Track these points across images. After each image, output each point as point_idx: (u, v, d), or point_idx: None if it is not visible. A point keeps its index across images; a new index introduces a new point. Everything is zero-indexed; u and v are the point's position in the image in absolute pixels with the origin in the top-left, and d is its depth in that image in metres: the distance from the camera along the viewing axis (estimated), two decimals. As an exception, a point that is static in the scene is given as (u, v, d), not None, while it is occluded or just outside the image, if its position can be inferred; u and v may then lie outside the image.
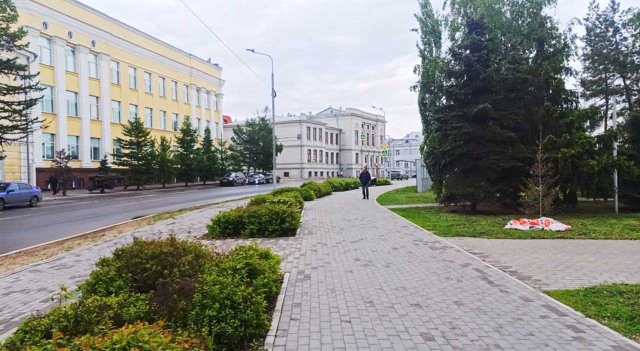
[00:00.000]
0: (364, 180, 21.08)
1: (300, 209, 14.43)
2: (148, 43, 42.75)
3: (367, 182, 20.99)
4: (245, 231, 8.92)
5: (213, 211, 15.73)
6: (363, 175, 21.29)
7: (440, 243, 8.02)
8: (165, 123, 45.79)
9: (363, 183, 21.00)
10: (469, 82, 13.76)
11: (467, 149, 13.08)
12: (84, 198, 25.80)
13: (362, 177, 21.31)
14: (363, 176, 21.26)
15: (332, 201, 19.39)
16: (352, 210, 14.97)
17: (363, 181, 21.08)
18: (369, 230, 9.86)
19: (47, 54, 31.32)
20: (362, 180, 21.15)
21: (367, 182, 20.95)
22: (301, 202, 15.13)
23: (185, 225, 11.60)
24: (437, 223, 11.03)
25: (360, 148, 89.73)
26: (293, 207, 10.44)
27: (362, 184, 21.02)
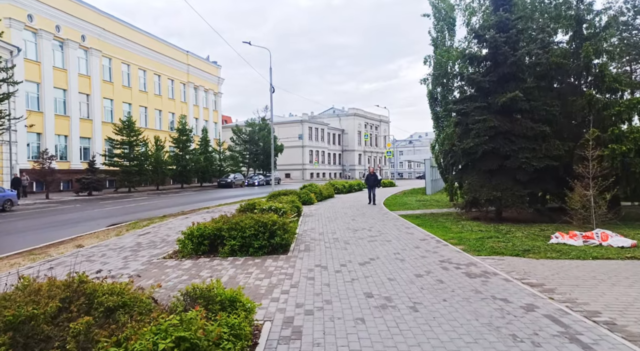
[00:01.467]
0: (370, 183, 18.05)
1: (298, 216, 12.53)
2: (142, 39, 41.00)
3: (375, 184, 18.06)
4: (224, 248, 7.02)
5: (200, 217, 13.85)
6: (369, 177, 18.24)
7: (477, 266, 6.09)
8: (160, 122, 44.01)
9: (369, 186, 18.05)
10: (494, 68, 11.81)
11: (493, 146, 11.14)
12: (67, 201, 23.97)
13: (369, 179, 18.21)
14: (369, 178, 18.21)
15: (334, 205, 17.47)
16: (357, 216, 13.04)
17: (370, 184, 18.06)
18: (380, 245, 7.93)
19: (32, 48, 29.57)
20: (368, 182, 18.21)
21: (374, 184, 18.00)
22: (299, 208, 13.22)
23: (159, 236, 9.71)
24: (461, 234, 9.10)
25: (363, 149, 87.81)
26: (287, 216, 8.53)
27: (368, 187, 18.10)
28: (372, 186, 17.89)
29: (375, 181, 18.16)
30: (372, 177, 18.19)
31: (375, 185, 18.08)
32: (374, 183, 18.09)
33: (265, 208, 9.10)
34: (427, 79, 18.99)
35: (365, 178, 18.62)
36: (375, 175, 18.37)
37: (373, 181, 18.07)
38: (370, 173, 18.33)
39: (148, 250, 7.87)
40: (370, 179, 18.12)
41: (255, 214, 7.72)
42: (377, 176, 18.84)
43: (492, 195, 10.86)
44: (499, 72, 11.61)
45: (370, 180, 18.08)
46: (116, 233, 10.46)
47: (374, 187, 17.95)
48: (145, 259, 6.95)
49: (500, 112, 11.49)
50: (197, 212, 15.99)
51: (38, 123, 29.64)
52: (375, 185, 18.05)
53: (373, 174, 18.31)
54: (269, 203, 9.69)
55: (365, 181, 18.43)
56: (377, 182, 18.36)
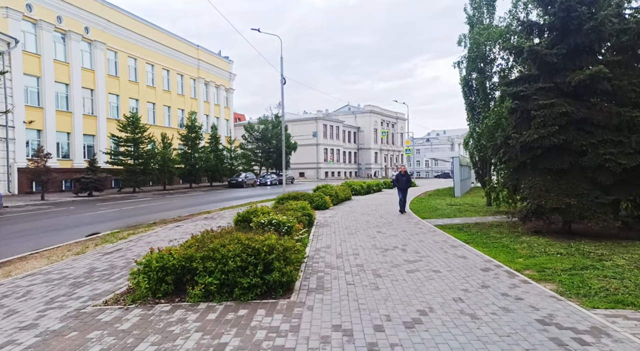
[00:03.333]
0: (402, 185, 14.02)
1: (309, 227, 10.13)
2: (150, 32, 39.24)
3: (407, 187, 14.15)
4: (196, 288, 4.66)
5: (192, 226, 11.62)
6: (400, 177, 14.09)
7: (614, 338, 3.57)
8: (169, 119, 42.24)
9: (400, 189, 14.09)
10: (561, 38, 9.16)
11: (564, 138, 8.50)
12: (62, 203, 22.18)
13: (399, 180, 14.10)
14: (400, 179, 14.08)
15: (353, 210, 15.00)
16: (383, 227, 10.56)
17: (400, 186, 14.05)
18: (426, 279, 5.45)
19: (32, 40, 27.97)
20: (398, 184, 14.18)
21: (406, 187, 14.08)
22: (310, 216, 10.83)
23: (128, 256, 7.44)
24: (536, 259, 6.53)
25: (379, 147, 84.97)
26: (293, 233, 6.16)
27: (399, 191, 14.16)
28: (404, 189, 14.02)
29: (408, 182, 14.19)
30: (404, 177, 14.06)
31: (408, 187, 14.20)
32: (407, 185, 14.09)
33: (264, 222, 6.72)
34: (462, 61, 16.34)
35: (394, 179, 14.75)
36: (408, 175, 14.29)
37: (405, 183, 14.04)
38: (401, 173, 14.18)
39: (96, 283, 5.59)
40: (401, 180, 14.06)
41: (247, 234, 5.33)
42: (410, 176, 14.72)
43: (563, 203, 8.24)
44: (569, 42, 8.94)
45: (402, 181, 14.03)
46: (79, 250, 8.26)
47: (406, 190, 14.11)
48: (77, 304, 4.66)
49: (571, 94, 8.84)
50: (193, 218, 13.78)
51: (38, 120, 28.07)
52: (408, 188, 14.19)
53: (405, 174, 14.19)
54: (270, 215, 7.26)
55: (395, 183, 14.54)
56: (410, 183, 14.34)
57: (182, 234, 9.99)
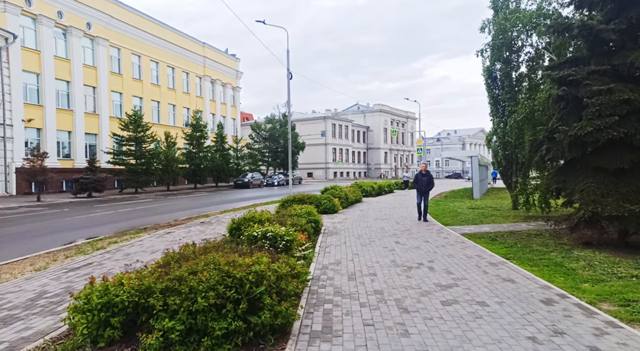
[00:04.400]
0: (422, 186, 11.73)
1: (316, 236, 8.73)
2: (155, 28, 38.25)
3: (428, 189, 11.82)
4: (150, 337, 3.29)
5: (187, 231, 10.33)
6: (420, 178, 11.78)
7: None
8: (174, 118, 41.22)
9: (420, 191, 11.84)
10: (619, 11, 7.62)
11: (626, 131, 6.99)
12: (58, 204, 21.14)
13: (419, 180, 11.81)
14: (421, 180, 11.75)
15: (365, 215, 13.57)
16: (402, 236, 9.12)
17: (421, 187, 11.76)
18: (472, 319, 3.98)
19: (31, 35, 27.06)
20: (418, 185, 11.87)
21: (427, 189, 11.79)
22: (317, 222, 9.45)
23: (99, 273, 6.13)
24: (610, 287, 4.99)
25: (389, 147, 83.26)
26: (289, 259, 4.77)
27: (419, 193, 11.91)
28: (425, 191, 11.72)
29: (429, 184, 11.76)
30: (425, 177, 11.71)
31: (429, 189, 11.82)
32: (428, 187, 11.72)
33: (257, 235, 5.33)
34: (485, 49, 14.77)
35: (414, 180, 12.12)
36: (429, 175, 11.86)
37: (426, 184, 11.68)
38: (421, 173, 11.89)
39: (34, 318, 4.27)
40: (421, 181, 11.70)
41: (229, 257, 3.94)
42: (432, 176, 12.07)
43: (625, 210, 6.72)
44: (630, 16, 7.41)
45: (422, 182, 11.68)
46: (43, 263, 6.98)
47: (427, 192, 11.79)
48: None
49: (632, 79, 7.32)
50: (188, 223, 12.49)
51: (37, 118, 27.15)
52: (429, 190, 11.84)
53: (426, 173, 11.82)
54: (265, 226, 5.83)
55: (415, 184, 12.04)
56: (431, 185, 11.87)
57: (169, 243, 8.68)
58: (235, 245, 5.33)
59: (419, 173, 11.96)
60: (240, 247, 5.11)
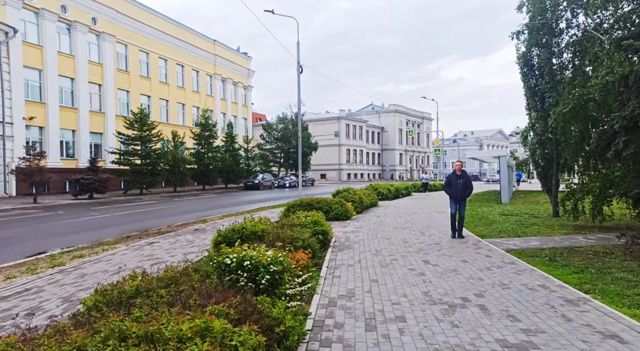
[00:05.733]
0: (457, 192, 8.95)
1: (321, 256, 6.97)
2: (163, 24, 37.17)
3: (466, 196, 9.07)
4: None
5: (174, 241, 8.74)
6: (455, 180, 9.01)
7: None
8: (184, 117, 40.09)
9: (454, 197, 9.00)
10: None
11: None
12: (55, 206, 19.94)
13: (453, 184, 9.03)
14: (455, 183, 9.00)
15: (382, 223, 11.77)
16: (431, 252, 7.31)
17: (456, 194, 8.97)
18: None
19: (33, 30, 26.11)
20: (450, 190, 9.07)
21: (463, 195, 9.00)
22: (325, 234, 7.71)
23: (26, 307, 4.55)
24: None
25: (404, 148, 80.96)
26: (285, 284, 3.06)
27: (452, 201, 9.05)
28: (461, 198, 8.92)
29: (467, 188, 8.92)
30: (461, 180, 8.90)
31: (467, 196, 9.04)
32: (464, 192, 8.89)
33: (232, 263, 3.59)
34: (522, 31, 12.80)
35: (445, 183, 9.22)
36: (467, 177, 9.07)
37: (463, 188, 8.83)
38: (455, 174, 9.04)
39: None
40: (455, 184, 8.90)
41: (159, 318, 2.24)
42: (470, 178, 9.26)
43: None
44: None
45: (457, 186, 8.86)
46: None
47: (463, 200, 9.01)
48: None
49: None
50: (181, 230, 10.92)
51: (40, 116, 26.17)
52: (466, 197, 9.07)
53: (462, 174, 9.02)
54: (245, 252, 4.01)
55: (447, 188, 9.10)
56: (470, 189, 9.02)
57: (143, 259, 7.09)
58: (203, 276, 3.65)
59: (451, 175, 9.13)
60: (208, 281, 3.44)
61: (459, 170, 9.12)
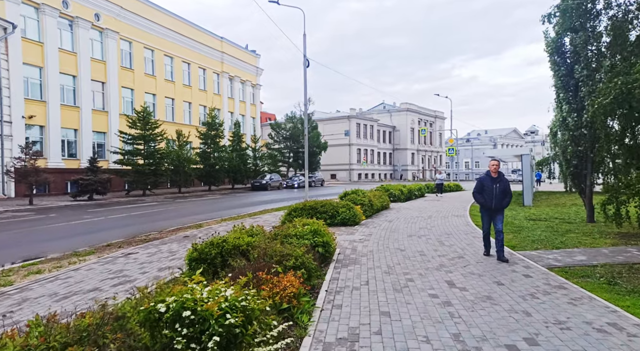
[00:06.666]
0: (494, 200, 6.76)
1: (320, 275, 5.68)
2: (169, 21, 36.34)
3: (502, 204, 6.75)
4: None
5: (156, 251, 7.58)
6: (489, 185, 6.81)
7: None
8: (190, 116, 39.23)
9: (489, 204, 6.81)
10: None
11: None
12: (51, 208, 19.11)
13: (486, 189, 6.84)
14: (490, 189, 6.80)
15: (395, 230, 10.45)
16: (455, 270, 5.98)
17: (490, 202, 6.79)
18: None
19: (33, 26, 25.42)
20: (484, 198, 6.87)
21: (501, 204, 6.74)
22: (327, 247, 6.45)
23: None
24: None
25: (416, 148, 79.13)
26: None
27: (486, 210, 6.98)
28: (498, 208, 6.80)
29: (506, 196, 6.78)
30: (499, 184, 6.79)
31: (505, 205, 6.82)
32: (503, 200, 6.78)
33: (165, 312, 2.40)
34: (554, 14, 11.34)
35: (477, 188, 7.03)
36: (506, 182, 6.84)
37: (501, 195, 6.76)
38: (489, 176, 6.93)
39: None
40: (490, 190, 6.81)
41: None
42: (508, 182, 6.90)
43: None
44: None
45: (493, 192, 6.78)
46: None
47: (500, 209, 6.82)
48: None
49: None
50: (168, 237, 9.79)
51: (40, 115, 25.49)
52: (505, 206, 6.83)
53: (499, 176, 6.85)
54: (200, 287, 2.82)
55: (477, 195, 7.01)
56: (508, 196, 6.81)
57: (110, 276, 5.95)
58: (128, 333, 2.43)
59: (485, 178, 6.89)
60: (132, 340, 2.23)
61: (495, 172, 6.86)
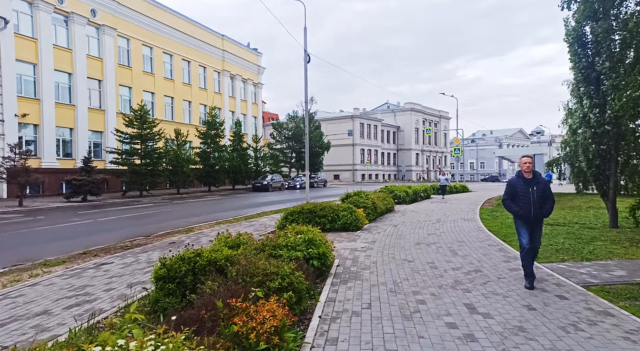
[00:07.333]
0: (533, 208, 5.00)
1: (315, 291, 4.75)
2: (169, 18, 35.58)
3: (543, 212, 5.04)
4: None
5: (132, 261, 6.67)
6: (524, 189, 5.09)
7: None
8: (190, 115, 38.46)
9: (527, 218, 5.06)
10: None
11: None
12: (40, 210, 18.35)
13: (522, 194, 5.09)
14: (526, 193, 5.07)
15: (401, 236, 9.51)
16: (475, 289, 5.02)
17: (531, 210, 5.00)
18: None
19: (27, 21, 24.71)
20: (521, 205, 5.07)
21: (542, 211, 5.03)
22: (323, 259, 5.54)
23: None
24: None
25: (421, 148, 78.03)
26: None
27: (526, 222, 5.10)
28: (537, 218, 5.08)
29: (545, 201, 5.04)
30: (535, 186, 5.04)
31: (547, 211, 5.08)
32: (542, 207, 5.04)
33: None
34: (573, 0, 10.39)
35: (508, 192, 5.29)
36: (545, 183, 5.07)
37: (540, 201, 5.01)
38: (522, 177, 5.17)
39: None
40: (526, 194, 5.05)
41: None
42: (547, 183, 5.10)
43: None
44: None
45: (530, 196, 5.01)
46: None
47: (539, 219, 5.12)
48: None
49: None
50: (151, 244, 8.93)
51: (34, 113, 24.78)
52: (546, 213, 5.10)
53: (534, 178, 5.11)
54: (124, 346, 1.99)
55: (510, 202, 5.24)
56: (550, 201, 5.09)
57: (67, 295, 5.08)
58: None
59: (517, 180, 5.24)
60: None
61: (528, 172, 5.13)
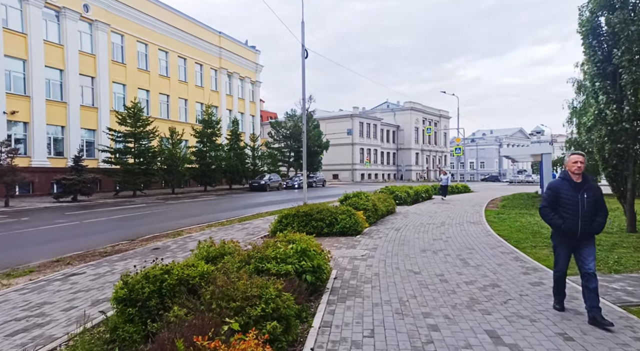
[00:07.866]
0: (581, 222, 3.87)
1: (306, 317, 4.01)
2: (164, 14, 34.80)
3: (594, 227, 3.91)
4: None
5: (106, 270, 5.91)
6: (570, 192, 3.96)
7: None
8: (186, 113, 37.71)
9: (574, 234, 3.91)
10: None
11: None
12: (27, 211, 17.62)
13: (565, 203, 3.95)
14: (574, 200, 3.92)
15: (404, 241, 8.78)
16: (495, 311, 4.29)
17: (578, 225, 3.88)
18: None
19: (16, 15, 23.93)
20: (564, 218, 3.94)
21: (592, 227, 3.90)
22: (318, 272, 4.81)
23: None
24: None
25: (420, 148, 77.36)
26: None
27: (570, 240, 3.98)
28: (586, 235, 3.93)
29: (597, 213, 3.92)
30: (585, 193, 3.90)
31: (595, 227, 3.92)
32: (591, 222, 3.90)
33: None
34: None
35: (546, 199, 4.12)
36: (596, 191, 3.93)
37: (589, 211, 3.89)
38: (568, 180, 4.01)
39: None
40: (575, 204, 3.91)
41: None
42: (599, 189, 4.01)
43: None
44: None
45: (580, 206, 3.88)
46: None
47: (590, 236, 3.95)
48: None
49: None
50: (133, 250, 8.20)
51: (23, 110, 24.02)
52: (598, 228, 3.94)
53: (584, 182, 3.97)
54: None
55: (550, 211, 4.06)
56: (601, 210, 3.95)
57: (17, 316, 4.34)
58: None
59: (559, 182, 4.10)
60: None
61: (579, 174, 4.02)
